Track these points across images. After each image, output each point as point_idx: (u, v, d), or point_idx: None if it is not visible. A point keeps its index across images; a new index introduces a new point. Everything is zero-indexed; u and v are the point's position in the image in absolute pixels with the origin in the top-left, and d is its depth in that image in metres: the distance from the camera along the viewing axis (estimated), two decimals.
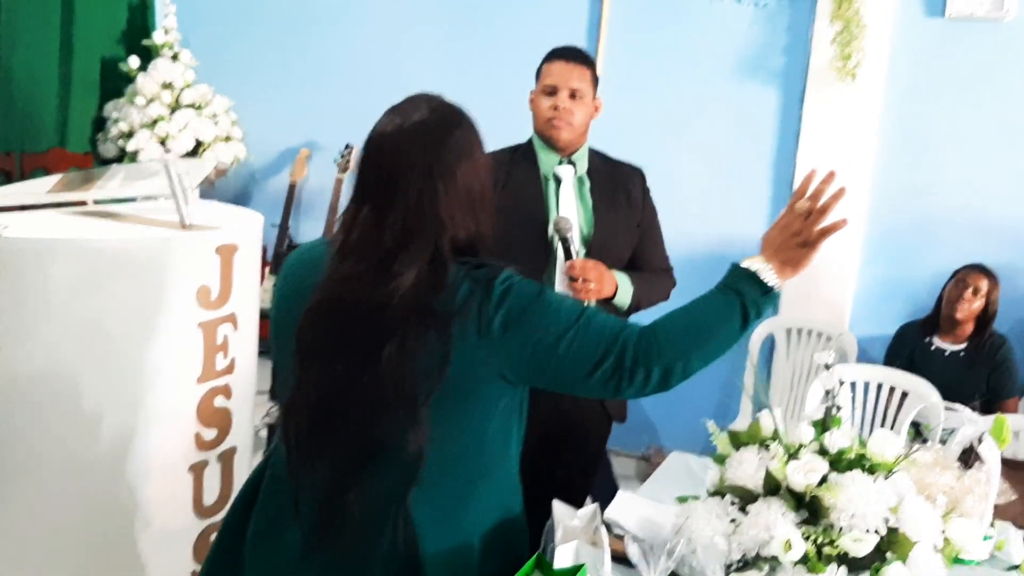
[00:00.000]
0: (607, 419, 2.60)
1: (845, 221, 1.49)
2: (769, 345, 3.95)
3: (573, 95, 2.40)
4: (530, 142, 2.50)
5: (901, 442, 1.66)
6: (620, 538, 1.83)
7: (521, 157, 2.47)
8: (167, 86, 4.36)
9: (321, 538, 1.49)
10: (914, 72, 3.71)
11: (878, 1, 3.63)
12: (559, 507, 1.63)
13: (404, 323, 1.39)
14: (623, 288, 2.41)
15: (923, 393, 3.12)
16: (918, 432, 3.04)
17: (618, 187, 2.52)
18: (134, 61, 4.38)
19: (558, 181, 2.45)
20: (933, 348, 3.50)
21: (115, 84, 4.49)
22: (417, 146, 1.43)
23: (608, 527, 1.95)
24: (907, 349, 3.57)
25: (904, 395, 3.23)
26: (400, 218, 1.41)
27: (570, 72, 2.40)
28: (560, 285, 2.35)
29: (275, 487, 1.58)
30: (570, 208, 2.43)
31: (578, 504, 1.73)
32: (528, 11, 4.19)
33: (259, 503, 1.61)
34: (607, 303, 2.40)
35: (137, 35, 4.60)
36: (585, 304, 1.43)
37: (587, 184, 2.47)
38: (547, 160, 2.45)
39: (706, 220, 4.04)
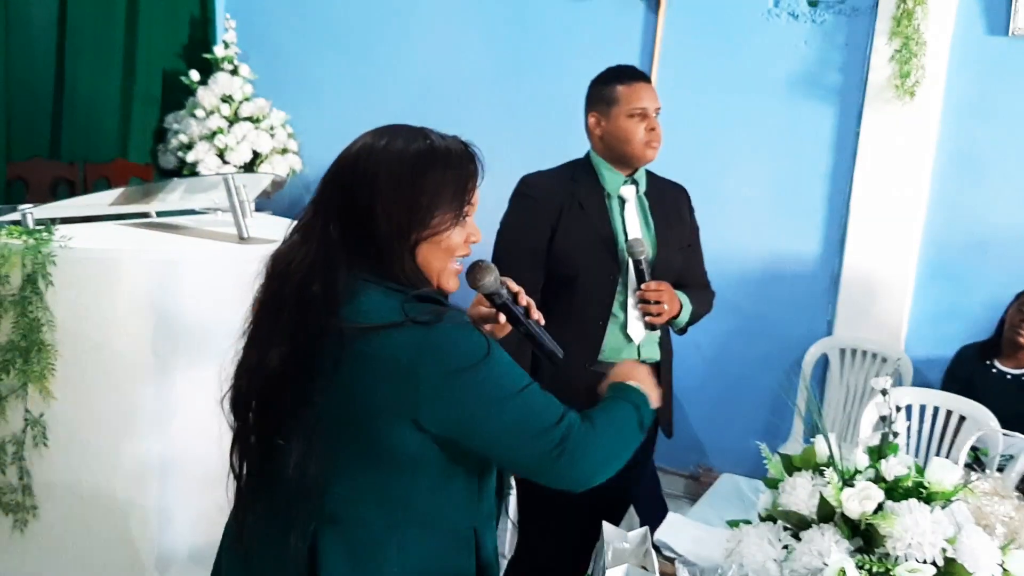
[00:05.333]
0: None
1: None
2: (822, 365, 3.89)
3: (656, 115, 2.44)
4: (588, 161, 2.51)
5: (959, 470, 1.62)
6: (670, 561, 1.82)
7: (582, 176, 2.47)
8: (226, 99, 4.44)
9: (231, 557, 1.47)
10: (975, 91, 3.63)
11: (939, 19, 3.57)
12: (609, 529, 1.63)
13: (296, 309, 1.34)
14: (685, 307, 2.46)
15: (981, 419, 3.04)
16: (977, 458, 2.97)
17: (670, 206, 2.57)
18: (194, 74, 4.47)
19: (622, 200, 2.46)
20: (994, 371, 3.42)
21: (176, 97, 4.59)
22: (385, 172, 1.41)
23: (658, 550, 1.94)
24: (966, 372, 3.48)
25: (961, 420, 3.16)
26: (341, 227, 1.39)
27: (653, 94, 2.43)
28: (633, 308, 2.39)
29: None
30: (636, 228, 2.46)
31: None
32: (582, 29, 4.19)
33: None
34: (668, 321, 2.44)
35: (198, 49, 4.70)
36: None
37: (646, 203, 2.51)
38: (613, 180, 2.46)
39: (761, 238, 4.01)
